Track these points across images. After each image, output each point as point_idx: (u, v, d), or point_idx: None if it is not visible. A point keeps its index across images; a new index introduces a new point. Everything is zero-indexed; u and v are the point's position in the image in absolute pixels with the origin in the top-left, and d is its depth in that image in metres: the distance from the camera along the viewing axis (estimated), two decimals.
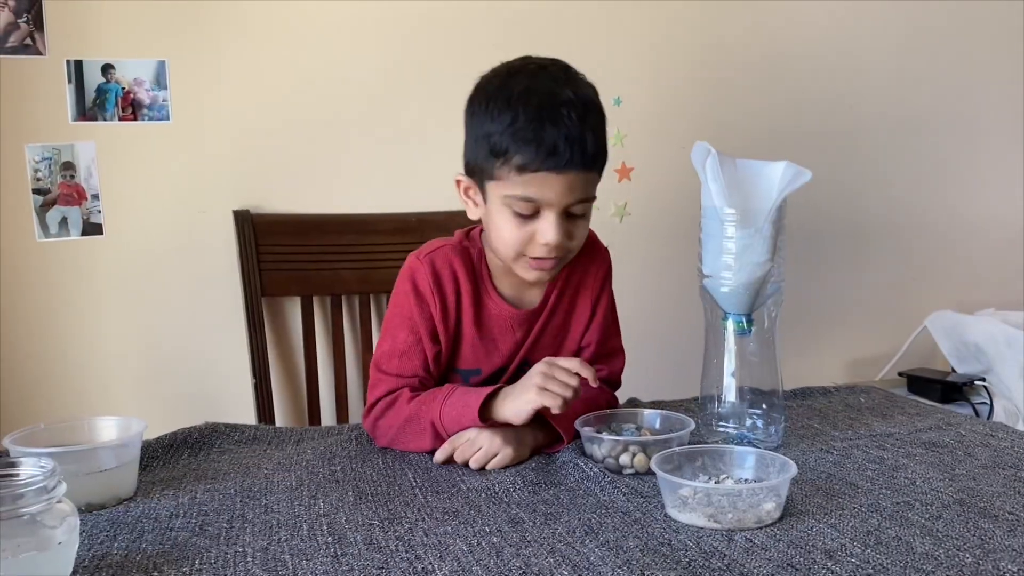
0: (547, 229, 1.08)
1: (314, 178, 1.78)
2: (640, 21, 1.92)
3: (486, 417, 1.08)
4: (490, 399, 1.09)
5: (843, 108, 2.11)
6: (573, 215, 1.11)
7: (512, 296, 1.21)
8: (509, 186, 1.08)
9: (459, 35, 1.82)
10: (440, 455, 1.10)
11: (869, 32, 2.10)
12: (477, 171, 1.13)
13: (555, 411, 1.05)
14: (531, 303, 1.22)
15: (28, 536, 0.72)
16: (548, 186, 1.06)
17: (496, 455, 1.07)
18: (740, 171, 1.11)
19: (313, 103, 1.76)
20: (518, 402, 1.07)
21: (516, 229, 1.10)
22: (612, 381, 1.27)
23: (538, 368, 1.07)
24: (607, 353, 1.26)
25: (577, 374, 1.07)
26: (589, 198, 1.11)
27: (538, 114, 1.06)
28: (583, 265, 1.24)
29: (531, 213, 1.09)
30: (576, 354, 1.24)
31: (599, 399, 1.21)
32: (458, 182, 1.19)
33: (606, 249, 1.27)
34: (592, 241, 1.24)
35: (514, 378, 1.15)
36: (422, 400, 1.14)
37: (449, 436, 1.10)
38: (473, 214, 1.18)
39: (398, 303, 1.20)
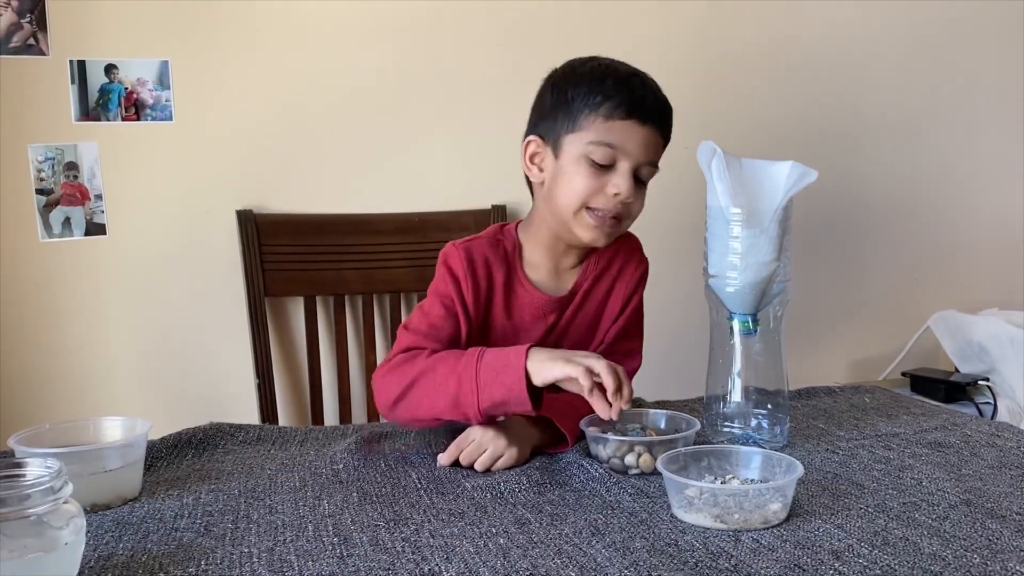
0: (620, 181, 1.15)
1: (317, 178, 1.77)
2: (644, 21, 1.91)
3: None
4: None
5: (847, 108, 2.11)
6: (639, 180, 1.18)
7: (544, 283, 1.25)
8: (593, 134, 1.15)
9: (462, 36, 1.82)
10: (445, 459, 1.09)
11: (873, 33, 2.10)
12: (554, 130, 1.19)
13: (583, 391, 1.04)
14: (563, 290, 1.25)
15: (35, 537, 0.72)
16: (631, 136, 1.15)
17: (502, 456, 1.07)
18: (746, 171, 1.11)
19: (316, 103, 1.76)
20: (559, 367, 1.05)
21: (589, 179, 1.16)
22: None
23: (592, 355, 1.07)
24: (624, 351, 1.28)
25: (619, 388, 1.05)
26: (655, 164, 1.19)
27: (628, 77, 1.18)
28: (621, 261, 1.28)
29: (608, 163, 1.15)
30: (599, 346, 1.27)
31: None
32: (527, 145, 1.23)
33: (646, 258, 1.32)
34: (636, 244, 1.31)
35: None
36: (443, 356, 1.12)
37: (481, 396, 1.07)
38: (536, 177, 1.23)
39: (435, 286, 1.22)
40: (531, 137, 1.23)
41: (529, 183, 1.27)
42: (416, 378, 1.11)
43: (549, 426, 1.13)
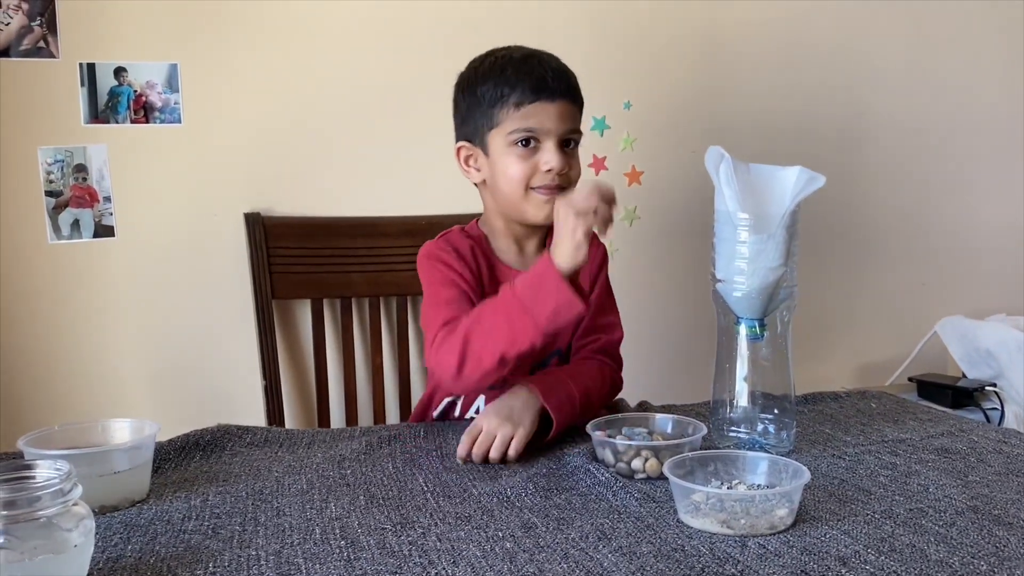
0: (549, 157, 1.22)
1: (325, 181, 1.78)
2: (649, 24, 1.92)
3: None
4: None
5: (854, 113, 2.11)
6: (567, 150, 1.25)
7: (516, 266, 1.30)
8: (510, 124, 1.23)
9: (469, 38, 1.81)
10: (462, 450, 1.11)
11: (880, 38, 2.10)
12: (477, 131, 1.27)
13: (604, 232, 1.09)
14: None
15: (44, 539, 0.72)
16: (544, 115, 1.22)
17: (512, 438, 1.10)
18: (753, 176, 1.11)
19: (324, 106, 1.76)
20: (570, 242, 1.09)
21: (521, 163, 1.23)
22: (611, 352, 1.33)
23: (559, 208, 1.11)
24: (603, 325, 1.33)
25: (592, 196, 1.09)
26: (578, 130, 1.27)
27: (524, 60, 1.25)
28: None
29: (532, 145, 1.23)
30: (577, 327, 1.31)
31: (600, 372, 1.28)
32: (458, 151, 1.31)
33: (603, 244, 1.36)
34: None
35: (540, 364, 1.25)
36: (480, 308, 1.16)
37: (522, 298, 1.10)
38: (476, 178, 1.31)
39: (431, 277, 1.27)
40: (460, 143, 1.31)
41: (476, 185, 1.33)
42: (467, 336, 1.13)
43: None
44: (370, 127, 1.79)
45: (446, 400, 1.34)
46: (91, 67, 1.63)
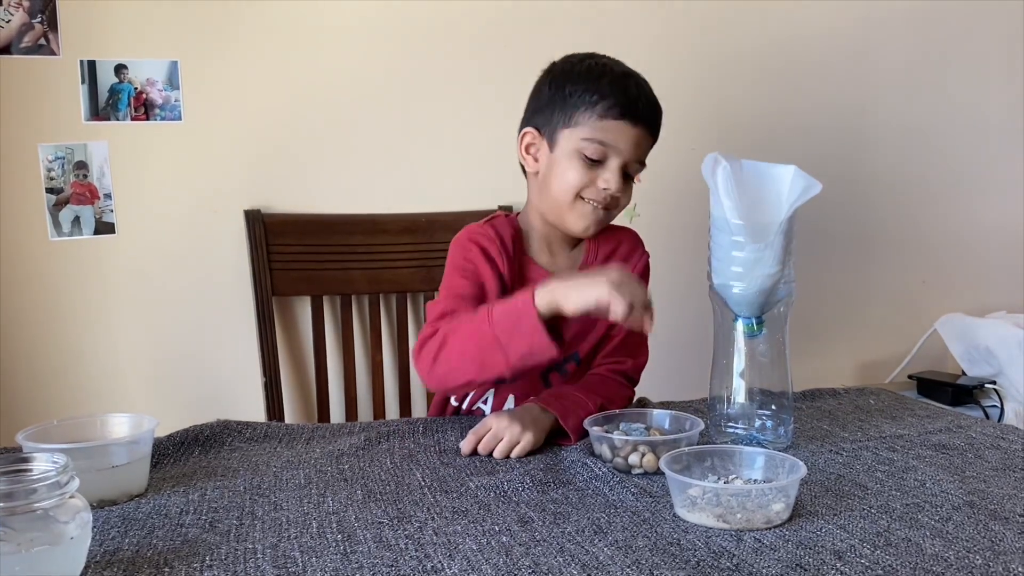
0: (610, 176, 1.22)
1: (325, 178, 1.78)
2: (649, 21, 1.92)
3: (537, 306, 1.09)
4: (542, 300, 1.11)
5: (853, 111, 2.10)
6: (627, 175, 1.25)
7: (547, 265, 1.30)
8: (587, 131, 1.22)
9: (469, 37, 1.83)
10: (466, 446, 1.11)
11: (881, 35, 2.10)
12: (550, 123, 1.25)
13: (618, 317, 1.06)
14: (564, 273, 1.28)
15: (41, 531, 0.72)
16: (622, 135, 1.22)
17: (519, 443, 1.10)
18: (747, 175, 1.10)
19: (324, 103, 1.77)
20: (584, 291, 1.07)
21: (581, 172, 1.23)
22: (632, 377, 1.32)
23: (611, 270, 1.10)
24: (633, 345, 1.32)
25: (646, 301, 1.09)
26: (643, 162, 1.27)
27: (623, 77, 1.24)
28: (624, 252, 1.34)
29: (600, 159, 1.22)
30: (604, 339, 1.32)
31: (619, 393, 1.27)
32: (523, 136, 1.29)
33: (647, 252, 1.37)
34: (637, 238, 1.37)
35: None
36: (460, 322, 1.16)
37: (497, 330, 1.09)
38: (531, 168, 1.29)
39: (455, 262, 1.26)
40: (527, 129, 1.29)
41: (524, 172, 1.32)
42: (440, 348, 1.14)
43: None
44: (370, 124, 1.79)
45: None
46: (92, 64, 1.63)
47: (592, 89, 1.22)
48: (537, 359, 1.10)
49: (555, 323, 1.22)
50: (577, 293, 1.08)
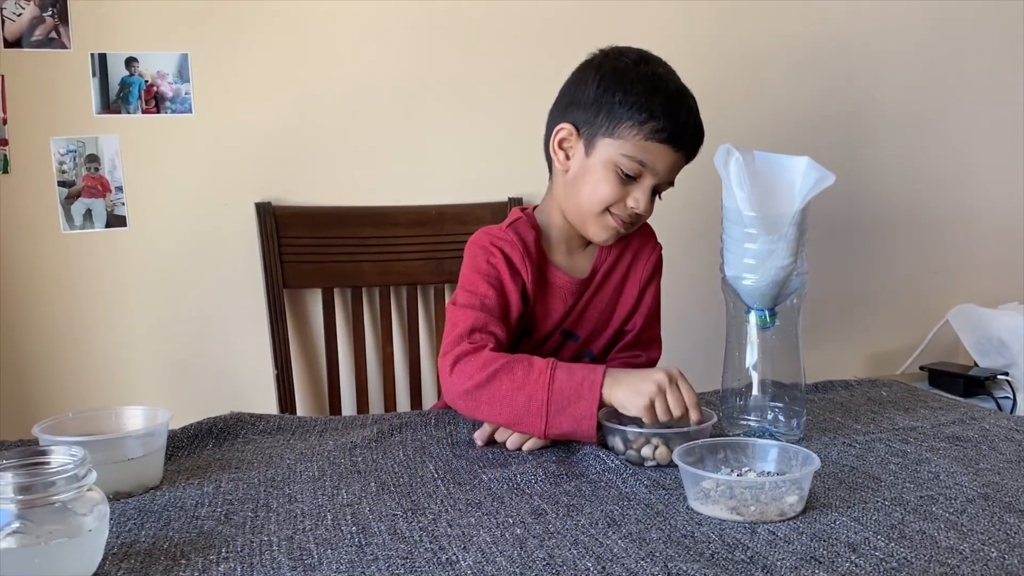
0: (640, 196, 1.20)
1: (335, 171, 1.78)
2: (659, 15, 1.91)
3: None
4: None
5: (865, 100, 2.09)
6: (657, 192, 1.23)
7: (564, 266, 1.28)
8: (630, 148, 1.18)
9: (480, 30, 1.82)
10: (481, 436, 1.12)
11: (894, 24, 2.08)
12: (590, 126, 1.21)
13: (659, 419, 1.06)
14: (579, 272, 1.29)
15: (59, 523, 0.73)
16: (662, 157, 1.19)
17: (530, 439, 1.11)
18: (760, 167, 1.10)
19: (334, 96, 1.77)
20: (632, 396, 1.06)
21: (614, 187, 1.20)
22: None
23: (665, 372, 1.07)
24: (647, 340, 1.32)
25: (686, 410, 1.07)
26: (673, 183, 1.24)
27: (676, 98, 1.20)
28: (636, 245, 1.32)
29: (634, 176, 1.19)
30: (619, 334, 1.31)
31: None
32: (558, 131, 1.24)
33: (660, 243, 1.35)
34: (650, 230, 1.34)
35: (555, 347, 1.27)
36: (512, 364, 1.10)
37: (551, 399, 1.07)
38: (562, 165, 1.25)
39: (476, 265, 1.22)
40: (564, 124, 1.23)
41: (549, 163, 1.28)
42: (487, 380, 1.10)
43: None
44: (380, 117, 1.79)
45: None
46: (102, 57, 1.64)
47: (644, 106, 1.16)
48: (571, 438, 1.11)
49: (572, 328, 1.22)
50: (624, 398, 1.06)
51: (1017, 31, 2.17)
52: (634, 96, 1.17)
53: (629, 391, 1.06)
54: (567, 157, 1.24)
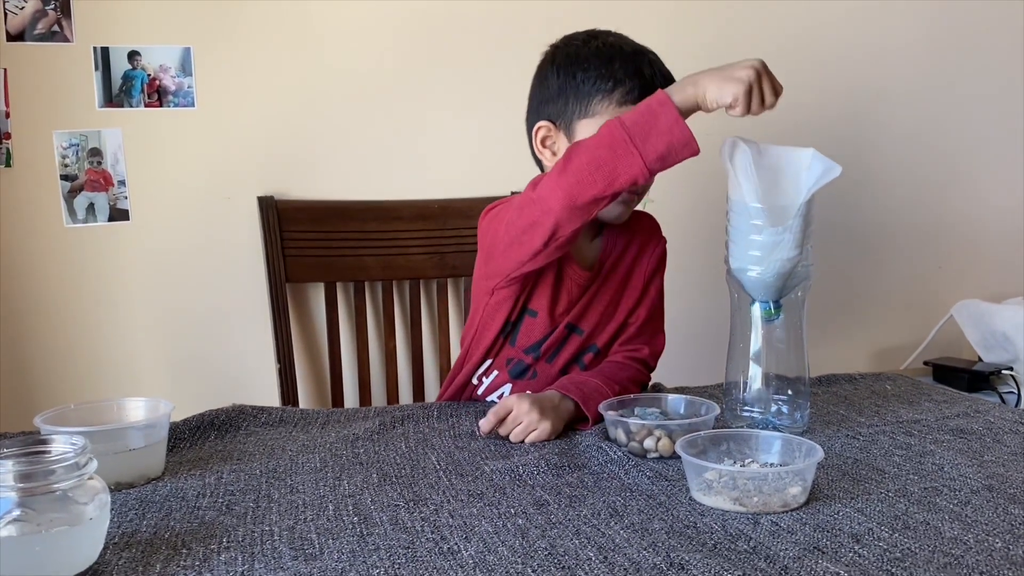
0: None
1: (338, 165, 1.78)
2: (658, 12, 1.90)
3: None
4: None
5: (869, 98, 2.09)
6: None
7: (573, 254, 1.27)
8: (606, 119, 1.12)
9: (481, 22, 1.82)
10: (485, 425, 1.12)
11: (897, 24, 2.07)
12: (564, 114, 1.21)
13: (752, 110, 1.07)
14: (586, 262, 1.28)
15: (60, 511, 0.73)
16: None
17: (535, 429, 1.10)
18: (765, 159, 1.09)
19: (337, 90, 1.76)
20: (727, 84, 1.06)
21: None
22: (649, 363, 1.31)
23: (758, 60, 1.09)
24: (650, 332, 1.31)
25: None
26: None
27: (633, 57, 1.19)
28: (641, 238, 1.31)
29: None
30: (623, 326, 1.30)
31: (636, 380, 1.27)
32: (537, 131, 1.24)
33: (664, 237, 1.34)
34: (655, 223, 1.34)
35: (560, 340, 1.26)
36: (576, 147, 1.10)
37: (631, 132, 1.04)
38: (550, 162, 1.24)
39: (503, 216, 1.21)
40: (541, 123, 1.24)
41: (540, 166, 1.28)
42: (569, 158, 1.07)
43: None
44: (383, 111, 1.79)
45: (483, 366, 1.32)
46: (105, 51, 1.63)
47: (606, 74, 1.17)
48: (675, 157, 1.06)
49: (576, 322, 1.20)
50: (717, 88, 1.05)
51: (1018, 30, 2.16)
52: (594, 70, 1.18)
53: (721, 79, 1.05)
54: (554, 154, 1.24)
